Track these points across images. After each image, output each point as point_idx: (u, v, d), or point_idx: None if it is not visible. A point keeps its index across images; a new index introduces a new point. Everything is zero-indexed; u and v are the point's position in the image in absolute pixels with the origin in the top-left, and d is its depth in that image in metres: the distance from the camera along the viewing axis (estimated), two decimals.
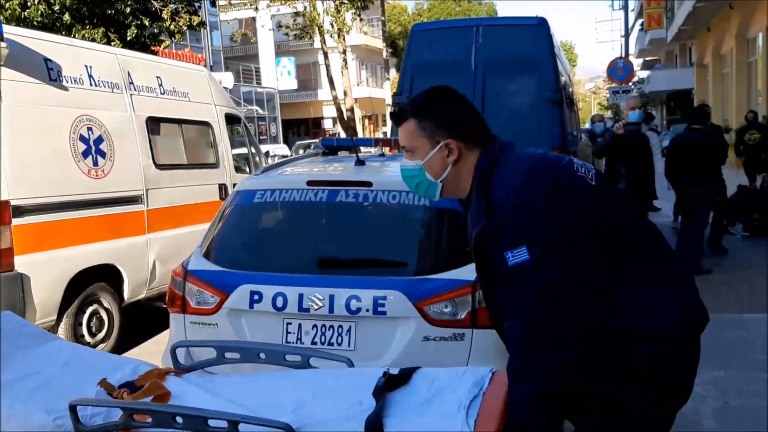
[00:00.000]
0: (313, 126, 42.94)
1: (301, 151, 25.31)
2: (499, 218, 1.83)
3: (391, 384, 1.99)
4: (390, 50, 35.99)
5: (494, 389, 2.02)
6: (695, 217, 7.37)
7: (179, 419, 1.85)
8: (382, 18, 32.47)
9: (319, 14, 24.06)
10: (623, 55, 24.04)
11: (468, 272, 3.18)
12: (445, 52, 7.59)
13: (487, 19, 15.35)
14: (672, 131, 15.93)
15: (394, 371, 2.05)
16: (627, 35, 27.76)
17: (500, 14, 44.54)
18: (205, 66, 8.01)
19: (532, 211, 1.81)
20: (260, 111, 33.43)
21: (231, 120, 7.86)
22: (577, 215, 1.83)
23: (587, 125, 15.93)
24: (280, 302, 3.17)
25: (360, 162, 3.89)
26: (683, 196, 7.40)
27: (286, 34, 25.94)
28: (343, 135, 24.56)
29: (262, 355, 2.39)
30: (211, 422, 1.84)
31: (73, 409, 1.88)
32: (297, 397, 2.04)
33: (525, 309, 1.79)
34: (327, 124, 41.82)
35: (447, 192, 2.05)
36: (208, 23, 19.37)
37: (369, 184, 3.50)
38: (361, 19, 27.35)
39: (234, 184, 6.85)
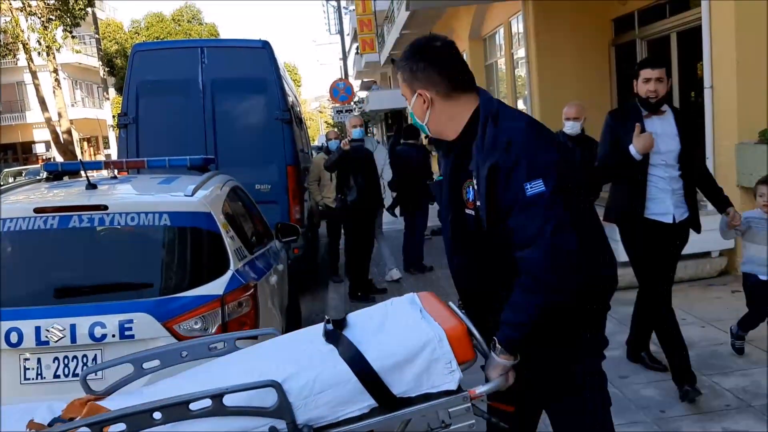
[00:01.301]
0: (23, 151, 38.83)
1: (11, 180, 22.80)
2: (518, 152, 2.00)
3: (336, 328, 2.04)
4: (107, 69, 34.01)
5: (427, 303, 2.14)
6: (417, 221, 8.24)
7: (157, 414, 1.73)
8: (96, 35, 30.61)
9: (23, 30, 21.95)
10: (343, 77, 25.53)
11: (216, 287, 3.29)
12: (171, 72, 7.51)
13: (212, 41, 15.34)
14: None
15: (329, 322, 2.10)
16: (345, 58, 29.50)
17: (222, 36, 44.43)
18: None
19: (546, 151, 2.05)
20: None
21: None
22: (570, 166, 2.12)
23: (317, 142, 16.69)
24: (14, 338, 2.98)
25: (92, 185, 3.76)
26: (403, 202, 8.21)
27: None
28: (59, 159, 22.63)
29: (185, 353, 2.29)
30: (193, 406, 1.73)
31: None
32: (256, 367, 1.98)
33: (547, 232, 1.96)
34: (39, 149, 38.11)
35: (433, 131, 2.26)
36: None
37: (104, 207, 3.41)
38: (73, 37, 25.46)
39: None
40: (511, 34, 14.85)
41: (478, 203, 2.11)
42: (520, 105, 14.87)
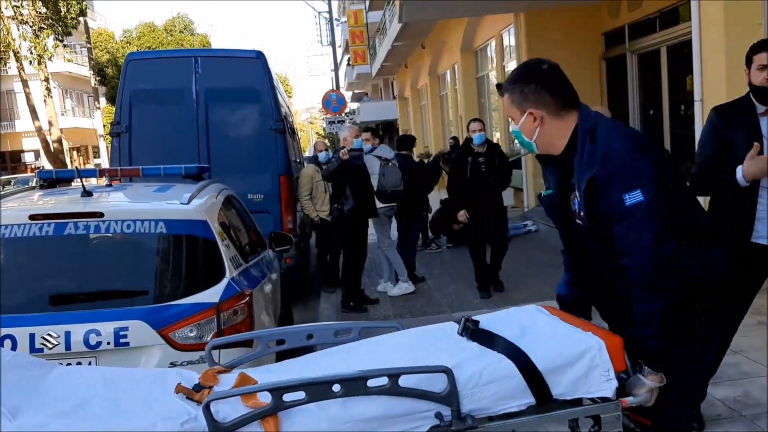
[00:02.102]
0: (12, 160, 38.59)
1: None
2: (614, 164, 2.11)
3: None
4: (98, 78, 33.95)
5: (559, 314, 2.30)
6: (410, 230, 8.25)
7: (336, 387, 1.78)
8: (88, 45, 30.57)
9: (14, 39, 21.90)
10: (335, 88, 25.62)
11: (211, 295, 3.29)
12: (165, 81, 7.53)
13: (206, 51, 15.35)
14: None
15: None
16: (336, 69, 29.61)
17: (214, 46, 44.38)
18: None
19: (643, 160, 2.13)
20: None
21: None
22: (667, 175, 2.19)
23: (308, 153, 16.71)
24: (8, 345, 2.97)
25: (87, 193, 3.77)
26: (397, 212, 8.19)
27: None
28: (49, 168, 22.51)
29: (311, 336, 2.39)
30: (370, 383, 1.81)
31: (207, 407, 1.75)
32: (406, 355, 2.04)
33: (645, 241, 2.08)
34: (29, 158, 37.93)
35: (541, 148, 2.37)
36: None
37: (100, 214, 3.42)
38: (64, 46, 25.42)
39: None
40: (503, 47, 14.96)
41: (582, 214, 2.27)
42: None
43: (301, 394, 1.79)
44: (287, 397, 1.79)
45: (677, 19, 9.05)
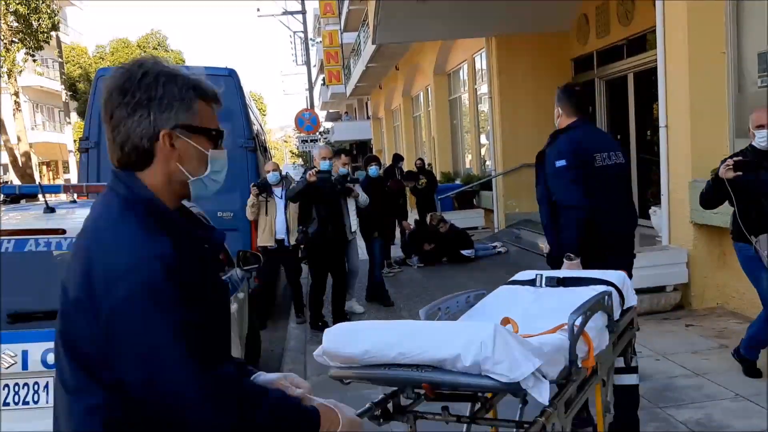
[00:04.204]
0: None
1: None
2: (551, 144, 3.84)
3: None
4: (70, 93, 33.62)
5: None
6: (375, 249, 8.21)
7: (601, 304, 2.65)
8: (60, 59, 30.28)
9: None
10: (309, 107, 25.65)
11: None
12: None
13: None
14: (358, 176, 17.41)
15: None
16: (311, 88, 29.66)
17: (188, 63, 44.24)
18: None
19: (566, 145, 3.78)
20: None
21: None
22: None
23: (282, 171, 16.61)
24: None
25: (50, 209, 3.71)
26: (363, 230, 8.15)
27: None
28: (16, 183, 22.13)
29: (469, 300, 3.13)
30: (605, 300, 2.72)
31: (572, 329, 2.37)
32: (540, 300, 2.96)
33: (562, 186, 3.75)
34: None
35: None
36: None
37: (62, 231, 3.36)
38: (34, 60, 25.13)
39: None
40: (475, 70, 15.15)
41: None
42: (483, 139, 15.10)
43: (588, 313, 2.48)
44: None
45: (644, 46, 9.25)
